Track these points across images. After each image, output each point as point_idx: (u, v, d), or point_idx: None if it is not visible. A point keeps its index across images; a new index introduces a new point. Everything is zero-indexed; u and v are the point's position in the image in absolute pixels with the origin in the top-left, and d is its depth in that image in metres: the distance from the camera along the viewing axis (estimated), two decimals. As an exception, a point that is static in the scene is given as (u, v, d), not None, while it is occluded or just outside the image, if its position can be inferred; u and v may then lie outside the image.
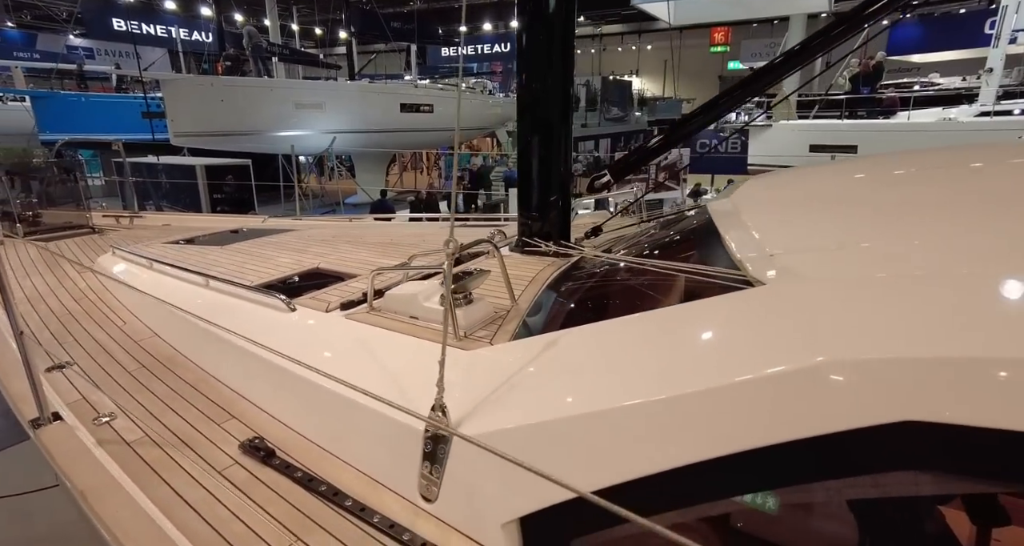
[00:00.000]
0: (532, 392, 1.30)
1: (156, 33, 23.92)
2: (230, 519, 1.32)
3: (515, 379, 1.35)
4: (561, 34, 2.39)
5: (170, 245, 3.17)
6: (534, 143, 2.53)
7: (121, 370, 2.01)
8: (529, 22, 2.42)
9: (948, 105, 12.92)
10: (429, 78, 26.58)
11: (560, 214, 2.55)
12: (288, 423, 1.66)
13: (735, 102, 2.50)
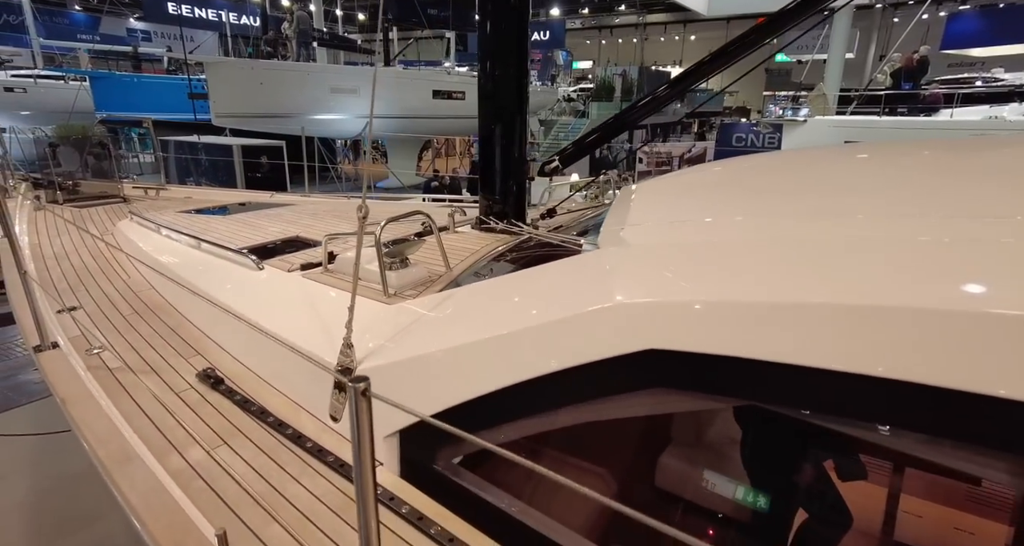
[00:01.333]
0: (420, 335, 1.58)
1: (207, 17, 24.88)
2: (175, 427, 1.66)
3: (414, 326, 1.63)
4: (517, 25, 2.61)
5: (182, 214, 3.58)
6: (496, 131, 2.78)
7: (117, 314, 2.38)
8: (493, 11, 2.62)
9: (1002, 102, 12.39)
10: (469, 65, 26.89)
11: (515, 196, 2.80)
12: (239, 358, 1.99)
13: (670, 98, 2.69)
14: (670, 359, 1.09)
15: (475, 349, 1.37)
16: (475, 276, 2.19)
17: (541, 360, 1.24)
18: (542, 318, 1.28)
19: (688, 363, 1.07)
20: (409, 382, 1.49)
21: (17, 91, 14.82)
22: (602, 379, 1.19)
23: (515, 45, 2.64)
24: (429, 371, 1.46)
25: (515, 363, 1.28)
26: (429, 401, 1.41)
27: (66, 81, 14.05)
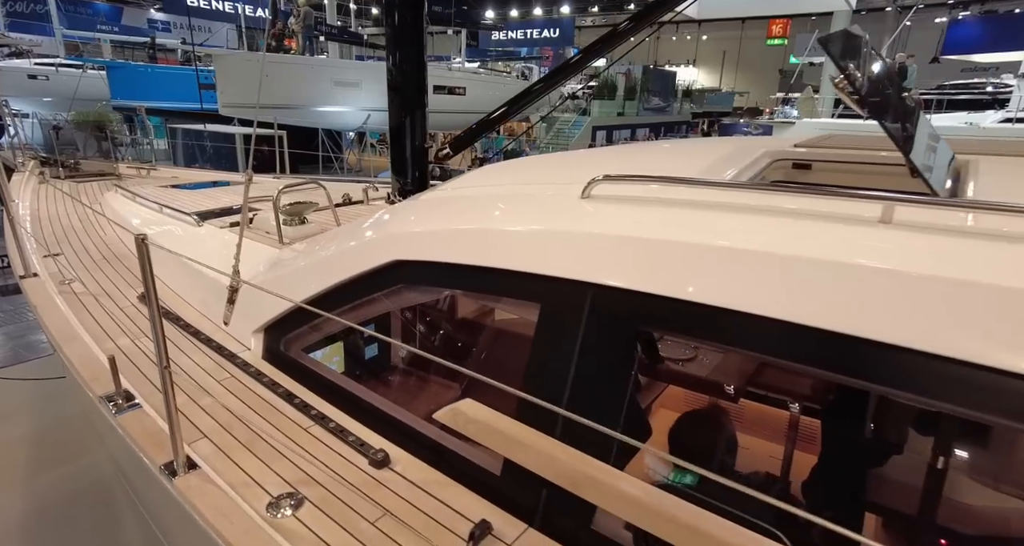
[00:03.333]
0: (286, 265, 2.27)
1: (224, 9, 25.81)
2: (116, 329, 2.37)
3: (287, 261, 2.33)
4: (413, 20, 3.25)
5: (161, 188, 4.32)
6: (404, 120, 3.45)
7: (89, 259, 3.13)
8: (393, 5, 3.24)
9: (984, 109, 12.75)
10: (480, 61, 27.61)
11: (418, 177, 3.48)
12: (173, 287, 2.71)
13: (542, 92, 3.35)
14: (409, 265, 1.75)
15: (302, 271, 2.06)
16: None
17: (339, 274, 1.91)
18: (342, 246, 1.97)
19: (420, 267, 1.74)
20: (268, 296, 2.18)
21: (40, 78, 15.85)
22: (371, 282, 1.86)
23: (414, 41, 3.29)
24: (283, 285, 2.16)
25: (325, 279, 1.96)
26: (281, 305, 2.11)
27: (84, 70, 15.01)
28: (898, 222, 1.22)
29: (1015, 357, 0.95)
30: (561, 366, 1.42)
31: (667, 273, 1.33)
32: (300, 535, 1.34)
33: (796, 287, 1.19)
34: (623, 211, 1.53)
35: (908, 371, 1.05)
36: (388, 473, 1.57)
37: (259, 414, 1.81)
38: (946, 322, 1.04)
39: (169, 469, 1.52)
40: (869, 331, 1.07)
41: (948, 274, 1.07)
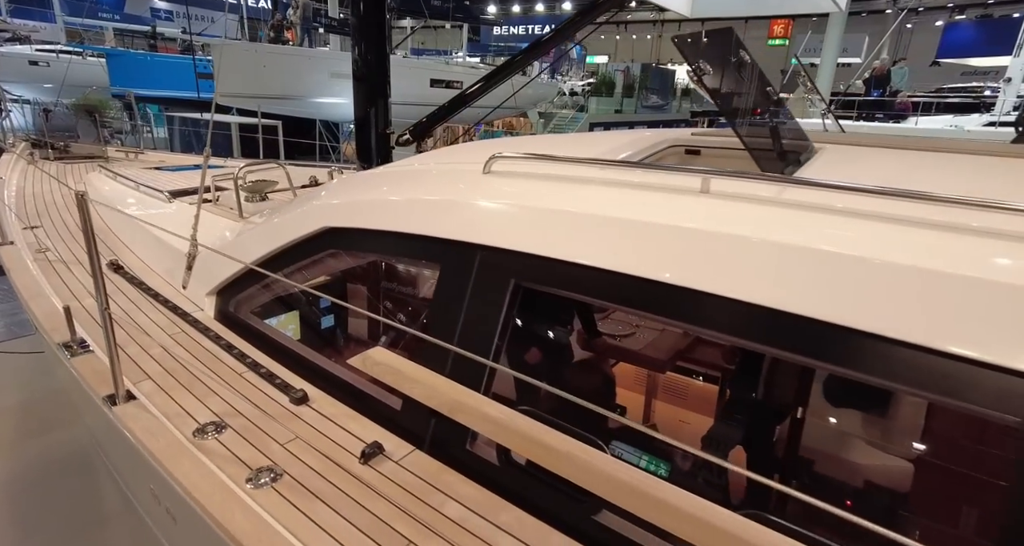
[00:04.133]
0: (239, 235, 2.51)
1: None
2: (83, 292, 2.61)
3: (242, 232, 2.56)
4: (376, 14, 3.48)
5: (143, 170, 4.57)
6: (369, 110, 3.68)
7: (67, 231, 3.37)
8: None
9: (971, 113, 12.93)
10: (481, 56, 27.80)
11: (380, 162, 3.70)
12: (140, 255, 2.95)
13: (484, 90, 3.58)
14: (338, 232, 1.99)
15: (249, 239, 2.30)
16: None
17: (279, 240, 2.15)
18: (284, 215, 2.20)
19: (347, 234, 1.97)
20: (224, 263, 2.42)
21: (41, 65, 16.08)
22: (306, 247, 2.10)
23: (376, 33, 3.52)
24: (232, 252, 2.39)
25: (268, 245, 2.20)
26: (231, 270, 2.34)
27: (83, 57, 15.25)
28: (715, 192, 1.46)
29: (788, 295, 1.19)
30: (453, 316, 1.66)
31: (540, 235, 1.57)
32: (217, 452, 1.58)
33: (631, 246, 1.42)
34: (511, 183, 1.77)
35: (714, 312, 1.28)
36: (305, 409, 1.81)
37: (201, 361, 2.05)
38: (739, 268, 1.27)
39: (110, 399, 1.76)
40: (683, 279, 1.31)
41: (739, 232, 1.30)
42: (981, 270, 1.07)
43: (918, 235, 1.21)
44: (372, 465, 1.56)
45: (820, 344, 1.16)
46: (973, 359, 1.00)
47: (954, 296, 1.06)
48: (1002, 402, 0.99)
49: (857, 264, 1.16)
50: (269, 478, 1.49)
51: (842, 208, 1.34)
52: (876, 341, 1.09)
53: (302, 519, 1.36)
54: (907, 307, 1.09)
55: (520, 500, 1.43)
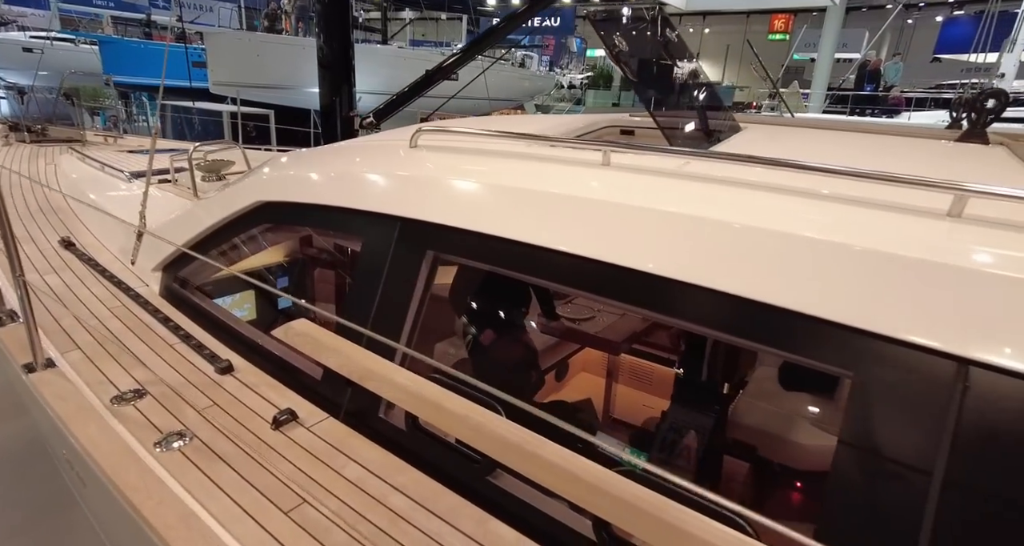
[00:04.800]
0: (184, 213, 2.53)
1: (222, -12, 25.70)
2: (40, 259, 2.64)
3: (188, 210, 2.59)
4: (341, 3, 3.50)
5: (114, 152, 4.59)
6: (334, 97, 3.71)
7: (36, 207, 3.40)
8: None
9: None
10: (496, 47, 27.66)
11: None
12: (96, 234, 2.98)
13: (457, 65, 3.59)
14: (272, 206, 2.01)
15: (192, 215, 2.32)
16: None
17: (219, 215, 2.17)
18: (222, 194, 2.23)
19: (279, 208, 1.99)
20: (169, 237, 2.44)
21: (36, 52, 16.06)
22: (243, 222, 2.12)
23: (340, 22, 3.54)
24: (177, 228, 2.42)
25: (208, 220, 2.22)
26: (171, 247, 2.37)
27: (76, 44, 15.23)
28: (615, 165, 1.48)
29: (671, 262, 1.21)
30: (373, 287, 1.68)
31: (453, 207, 1.59)
32: (131, 417, 1.60)
33: (533, 215, 1.44)
34: (432, 157, 1.78)
35: (608, 280, 1.31)
36: (229, 378, 1.84)
37: (134, 333, 2.08)
38: (628, 237, 1.29)
39: (27, 367, 1.78)
40: (584, 250, 1.33)
41: (629, 202, 1.33)
42: (847, 237, 1.09)
43: (798, 203, 1.23)
44: (283, 431, 1.59)
45: (706, 310, 1.18)
46: (855, 327, 1.01)
47: (830, 263, 1.08)
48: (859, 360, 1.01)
49: (729, 230, 1.19)
50: (178, 442, 1.51)
51: (736, 179, 1.36)
52: (759, 308, 1.11)
53: (202, 479, 1.39)
54: (782, 274, 1.11)
55: (420, 462, 1.46)
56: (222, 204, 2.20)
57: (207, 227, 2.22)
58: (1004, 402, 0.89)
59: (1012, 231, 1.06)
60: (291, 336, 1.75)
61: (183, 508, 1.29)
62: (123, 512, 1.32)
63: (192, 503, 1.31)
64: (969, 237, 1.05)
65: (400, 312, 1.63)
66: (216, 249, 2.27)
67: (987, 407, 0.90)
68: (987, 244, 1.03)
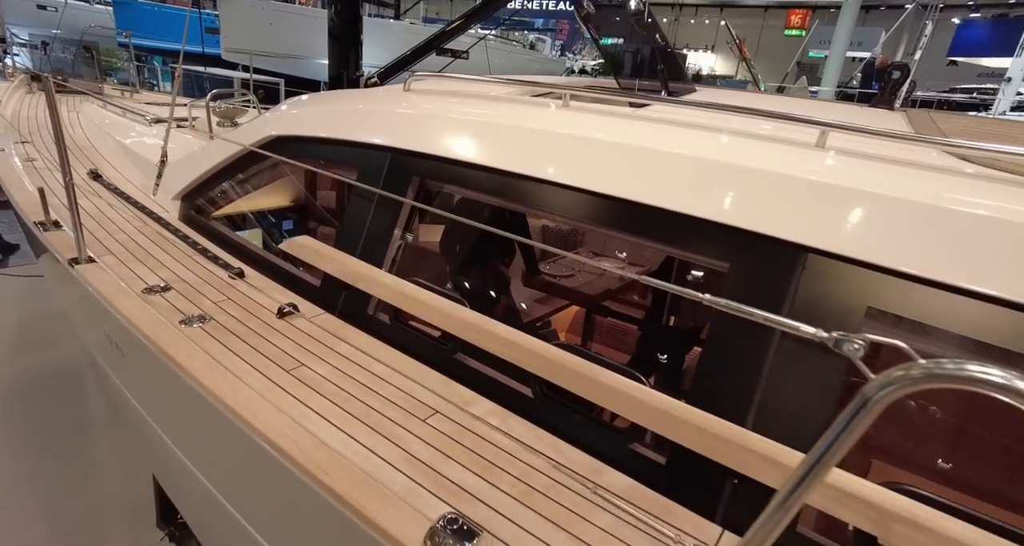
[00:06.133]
0: (203, 148, 2.84)
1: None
2: (52, 187, 2.95)
3: (206, 146, 2.90)
4: None
5: (136, 102, 4.89)
6: (342, 69, 4.00)
7: (53, 148, 3.71)
8: None
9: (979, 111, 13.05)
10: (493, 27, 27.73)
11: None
12: (120, 170, 3.30)
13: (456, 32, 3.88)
14: (283, 140, 2.32)
15: (209, 150, 2.64)
16: None
17: (234, 147, 2.48)
18: (240, 130, 2.54)
19: (290, 141, 2.30)
20: (188, 171, 2.75)
21: (50, 9, 16.24)
22: (256, 155, 2.43)
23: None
24: (195, 163, 2.73)
25: (223, 153, 2.53)
26: (191, 178, 2.68)
27: (91, 3, 15.42)
28: (573, 106, 1.79)
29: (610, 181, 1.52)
30: (366, 208, 1.99)
31: (436, 138, 1.89)
32: (159, 303, 1.93)
33: (503, 146, 1.75)
34: (422, 98, 2.09)
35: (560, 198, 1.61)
36: (241, 282, 2.16)
37: (158, 246, 2.40)
38: (579, 161, 1.60)
39: (73, 261, 2.11)
40: (533, 171, 1.64)
41: (577, 133, 1.64)
42: (738, 159, 1.40)
43: (708, 136, 1.55)
44: (287, 320, 1.91)
45: (631, 220, 1.49)
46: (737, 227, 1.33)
47: (720, 177, 1.39)
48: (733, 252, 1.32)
49: (650, 154, 1.50)
50: (199, 321, 1.84)
51: (669, 120, 1.67)
52: (663, 213, 1.42)
53: (219, 347, 1.71)
54: (683, 186, 1.42)
55: (401, 346, 1.79)
56: (237, 139, 2.50)
57: (223, 160, 2.53)
58: (831, 277, 1.20)
59: (855, 157, 1.37)
60: (295, 248, 2.07)
61: (207, 359, 1.61)
62: (158, 365, 1.65)
63: (212, 361, 1.63)
64: (822, 159, 1.37)
65: (389, 229, 1.95)
66: (230, 180, 2.59)
67: (819, 280, 1.21)
68: (832, 164, 1.35)
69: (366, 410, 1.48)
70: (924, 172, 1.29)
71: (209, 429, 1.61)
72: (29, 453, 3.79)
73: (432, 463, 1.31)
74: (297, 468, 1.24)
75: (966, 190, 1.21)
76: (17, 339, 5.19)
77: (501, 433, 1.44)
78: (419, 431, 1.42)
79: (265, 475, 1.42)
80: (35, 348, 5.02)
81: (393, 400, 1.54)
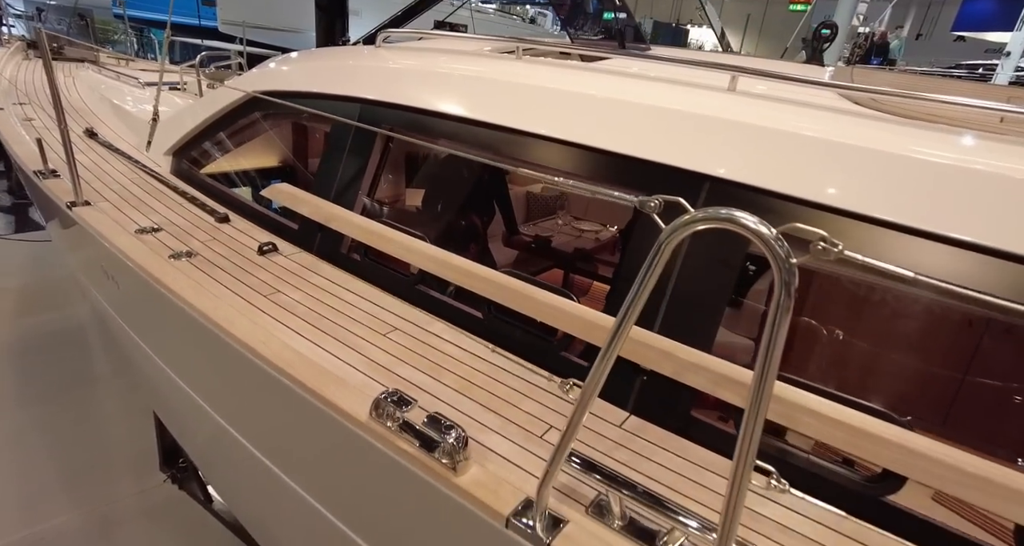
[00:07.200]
0: (192, 105, 3.01)
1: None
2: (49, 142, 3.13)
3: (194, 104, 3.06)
4: None
5: (128, 69, 5.04)
6: (330, 38, 4.14)
7: (49, 108, 3.88)
8: None
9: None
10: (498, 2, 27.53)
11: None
12: (114, 129, 3.47)
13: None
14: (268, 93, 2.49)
15: (196, 108, 2.81)
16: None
17: (218, 105, 2.65)
18: (223, 89, 2.71)
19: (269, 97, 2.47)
20: (178, 129, 2.92)
21: (44, -20, 16.14)
22: (240, 111, 2.60)
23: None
24: (182, 120, 2.90)
25: (209, 110, 2.70)
26: (179, 135, 2.86)
27: (86, -26, 15.33)
28: (525, 59, 1.97)
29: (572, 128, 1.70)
30: (338, 157, 2.17)
31: (402, 89, 2.07)
32: (149, 241, 2.13)
33: (460, 95, 1.93)
34: (392, 54, 2.26)
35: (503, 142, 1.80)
36: (227, 226, 2.35)
37: (150, 194, 2.59)
38: (537, 109, 1.78)
39: (71, 204, 2.30)
40: (495, 117, 1.82)
41: (530, 83, 1.81)
42: (661, 102, 1.58)
43: (641, 83, 1.72)
44: (267, 257, 2.11)
45: (580, 163, 1.67)
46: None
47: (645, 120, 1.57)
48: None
49: (592, 100, 1.67)
50: (187, 257, 2.04)
51: (615, 71, 1.85)
52: (603, 154, 1.60)
53: (204, 277, 1.91)
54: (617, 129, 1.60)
55: (369, 279, 1.98)
56: (223, 96, 2.68)
57: (209, 116, 2.70)
58: (730, 198, 1.39)
59: (757, 98, 1.56)
60: (275, 193, 2.26)
61: (193, 284, 1.81)
62: (150, 292, 1.85)
63: (198, 286, 1.83)
64: (729, 102, 1.55)
65: (359, 174, 2.13)
66: (216, 135, 2.77)
67: (718, 202, 1.40)
68: (732, 104, 1.53)
69: (333, 326, 1.68)
70: (812, 110, 1.47)
71: (194, 345, 1.82)
72: (36, 404, 4.04)
73: (388, 366, 1.52)
74: (268, 365, 1.45)
75: (840, 124, 1.40)
76: (23, 301, 5.43)
77: (453, 345, 1.65)
78: (380, 343, 1.63)
79: (241, 378, 1.63)
80: (38, 310, 5.25)
81: (359, 320, 1.74)
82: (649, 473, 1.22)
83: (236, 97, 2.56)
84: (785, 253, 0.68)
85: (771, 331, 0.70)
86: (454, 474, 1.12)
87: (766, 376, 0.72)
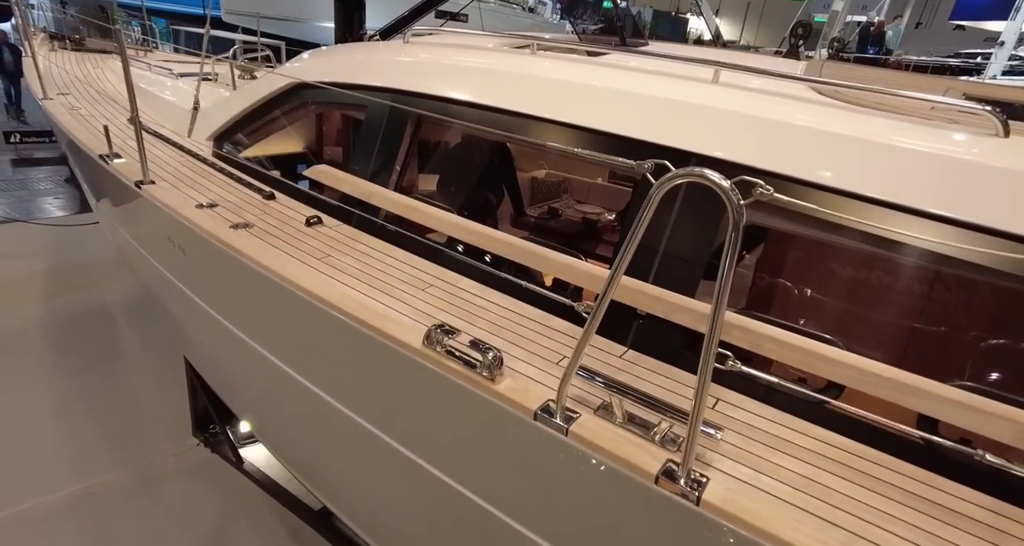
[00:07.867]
0: (232, 95, 3.31)
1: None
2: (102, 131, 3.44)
3: (234, 93, 3.36)
4: None
5: (158, 61, 5.33)
6: (346, 30, 4.43)
7: (92, 98, 4.18)
8: None
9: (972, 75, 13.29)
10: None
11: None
12: (148, 112, 3.78)
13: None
14: (307, 85, 2.79)
15: (238, 97, 3.11)
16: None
17: (261, 95, 2.95)
18: (265, 78, 3.01)
19: (313, 87, 2.77)
20: (218, 115, 3.22)
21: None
22: (282, 99, 2.91)
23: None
24: (225, 107, 3.21)
25: (251, 98, 3.00)
26: (222, 121, 3.16)
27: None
28: (539, 54, 2.29)
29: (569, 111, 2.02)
30: (373, 141, 2.49)
31: (428, 80, 2.38)
32: (209, 215, 2.44)
33: (482, 85, 2.25)
34: (419, 48, 2.58)
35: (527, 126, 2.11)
36: (274, 202, 2.68)
37: (200, 175, 2.91)
38: (545, 96, 2.09)
39: (139, 183, 2.62)
40: (513, 105, 2.13)
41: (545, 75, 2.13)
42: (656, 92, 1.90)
43: (634, 75, 2.04)
44: (314, 228, 2.43)
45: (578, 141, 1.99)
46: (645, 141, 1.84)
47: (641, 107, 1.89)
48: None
49: (595, 90, 1.99)
50: (244, 227, 2.35)
51: (616, 65, 2.16)
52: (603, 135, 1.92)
53: (264, 244, 2.23)
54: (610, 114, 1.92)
55: (403, 244, 2.31)
56: (263, 86, 2.98)
57: (251, 104, 3.01)
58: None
59: (735, 89, 1.88)
60: (316, 173, 2.58)
61: (258, 248, 2.13)
62: (220, 254, 2.17)
63: (261, 249, 2.15)
64: (711, 92, 1.87)
65: (392, 156, 2.44)
66: (256, 122, 3.08)
67: None
68: (713, 94, 1.85)
69: (379, 283, 2.01)
70: (781, 99, 1.79)
71: (261, 299, 2.15)
72: (75, 375, 4.38)
73: (430, 313, 1.85)
74: (334, 309, 1.77)
75: (802, 111, 1.72)
76: (53, 282, 5.77)
77: (481, 298, 1.98)
78: (420, 295, 1.96)
79: (305, 325, 1.96)
80: (66, 291, 5.58)
81: (399, 278, 2.07)
82: (644, 390, 1.55)
83: (280, 84, 2.86)
84: (736, 197, 1.00)
85: (727, 255, 1.02)
86: (492, 383, 1.45)
87: (722, 288, 1.04)
